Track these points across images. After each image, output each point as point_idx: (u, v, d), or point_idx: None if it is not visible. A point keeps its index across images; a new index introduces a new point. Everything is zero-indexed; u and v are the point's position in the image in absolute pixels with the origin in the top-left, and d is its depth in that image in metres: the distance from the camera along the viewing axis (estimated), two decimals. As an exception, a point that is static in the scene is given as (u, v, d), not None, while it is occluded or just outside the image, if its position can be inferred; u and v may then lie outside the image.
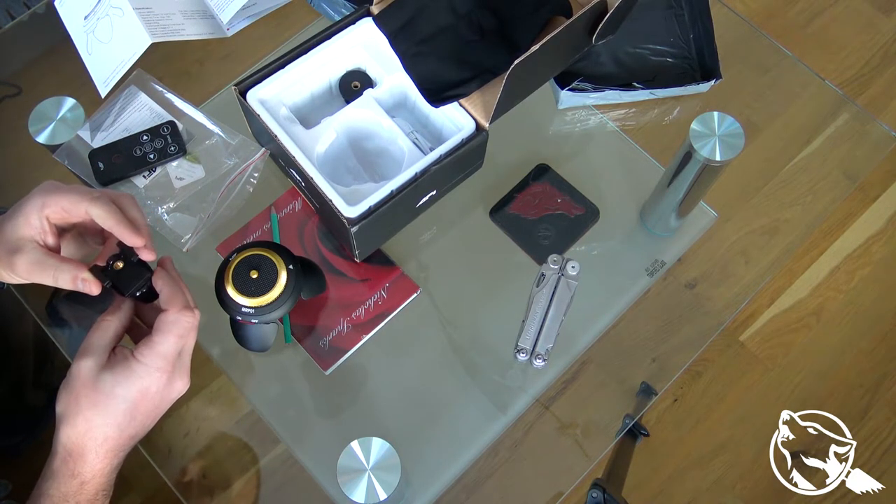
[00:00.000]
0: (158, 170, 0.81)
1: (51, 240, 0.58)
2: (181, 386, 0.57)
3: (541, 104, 0.90)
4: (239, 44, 0.90)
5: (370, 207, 0.71)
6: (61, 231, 0.60)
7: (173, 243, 0.78)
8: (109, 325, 0.56)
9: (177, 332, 0.55)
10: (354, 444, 0.63)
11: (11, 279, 0.59)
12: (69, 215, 0.58)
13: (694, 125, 0.70)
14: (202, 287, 0.68)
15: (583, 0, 0.78)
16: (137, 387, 0.54)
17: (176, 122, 0.82)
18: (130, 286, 0.57)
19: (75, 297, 0.58)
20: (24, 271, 0.56)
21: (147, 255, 0.58)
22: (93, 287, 0.55)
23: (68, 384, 0.54)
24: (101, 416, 0.53)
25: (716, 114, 0.71)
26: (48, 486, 0.53)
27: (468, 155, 0.77)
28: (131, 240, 0.57)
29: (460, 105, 0.77)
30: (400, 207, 0.74)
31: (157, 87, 0.84)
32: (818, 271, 1.54)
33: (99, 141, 0.81)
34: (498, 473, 0.76)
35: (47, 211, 0.57)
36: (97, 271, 0.56)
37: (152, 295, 0.58)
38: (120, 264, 0.57)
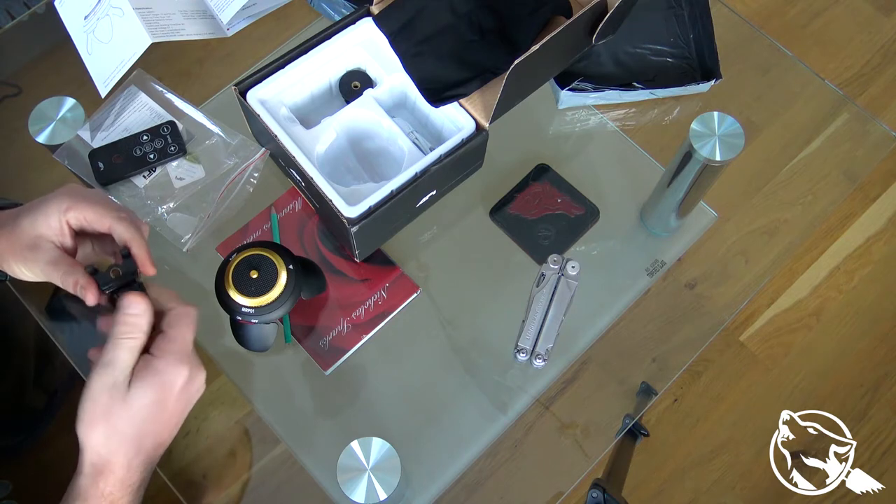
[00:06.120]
0: (158, 170, 0.81)
1: (69, 242, 0.58)
2: (202, 380, 0.55)
3: (541, 104, 0.90)
4: (239, 44, 0.90)
5: (370, 207, 0.71)
6: (79, 233, 0.60)
7: (173, 243, 0.78)
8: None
9: (189, 323, 0.54)
10: (354, 444, 0.63)
11: (22, 275, 0.58)
12: (90, 225, 0.58)
13: (694, 125, 0.70)
14: (202, 287, 0.68)
15: (583, 0, 0.78)
16: (161, 383, 0.52)
17: (176, 122, 0.82)
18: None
19: (75, 297, 0.58)
20: (40, 270, 0.57)
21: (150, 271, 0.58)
22: (89, 296, 0.55)
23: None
24: (126, 425, 0.51)
25: (716, 114, 0.71)
26: None
27: (468, 155, 0.77)
28: (148, 267, 0.57)
29: (460, 105, 0.77)
30: (400, 207, 0.74)
31: (157, 87, 0.84)
32: (818, 271, 1.54)
33: (99, 141, 0.81)
34: (498, 473, 0.76)
35: (69, 215, 0.57)
36: (101, 278, 0.56)
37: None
38: (119, 271, 0.56)
